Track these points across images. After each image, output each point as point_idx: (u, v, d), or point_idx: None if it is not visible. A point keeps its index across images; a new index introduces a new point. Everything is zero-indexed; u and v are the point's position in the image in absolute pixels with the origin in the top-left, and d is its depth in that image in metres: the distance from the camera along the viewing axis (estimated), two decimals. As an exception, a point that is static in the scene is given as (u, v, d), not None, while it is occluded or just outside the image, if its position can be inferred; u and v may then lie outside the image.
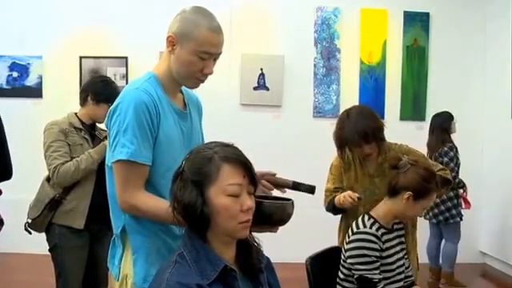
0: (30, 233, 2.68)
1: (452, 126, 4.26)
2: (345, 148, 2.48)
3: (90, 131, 2.74)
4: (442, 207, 4.15)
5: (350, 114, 2.46)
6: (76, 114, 2.74)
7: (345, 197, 2.34)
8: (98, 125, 2.79)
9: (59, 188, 2.59)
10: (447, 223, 4.19)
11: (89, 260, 2.69)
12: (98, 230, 2.64)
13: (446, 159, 4.06)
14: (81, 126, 2.68)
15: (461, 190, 4.23)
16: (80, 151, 2.62)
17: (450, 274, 4.26)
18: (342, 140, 2.46)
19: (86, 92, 2.73)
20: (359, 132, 2.36)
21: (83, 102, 2.73)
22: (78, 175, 2.55)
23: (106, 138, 2.75)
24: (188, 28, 1.55)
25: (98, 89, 2.70)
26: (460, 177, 4.19)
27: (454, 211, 4.16)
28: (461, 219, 4.21)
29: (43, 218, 2.59)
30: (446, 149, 4.11)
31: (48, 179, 2.65)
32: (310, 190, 1.70)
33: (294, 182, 1.70)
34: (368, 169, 2.48)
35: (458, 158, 4.13)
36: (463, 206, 4.27)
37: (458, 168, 4.14)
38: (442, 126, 4.22)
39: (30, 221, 2.63)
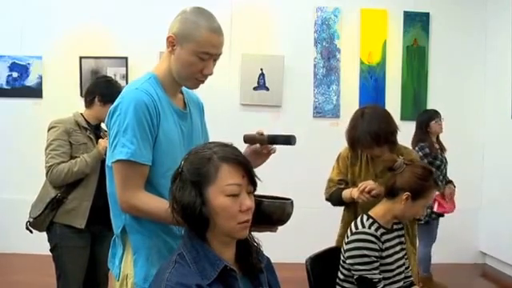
0: (31, 232, 2.68)
1: (431, 126, 4.04)
2: (356, 148, 2.45)
3: (95, 131, 2.76)
4: None
5: (365, 114, 2.39)
6: (82, 113, 2.75)
7: (362, 193, 2.25)
8: (102, 125, 2.80)
9: (61, 187, 2.60)
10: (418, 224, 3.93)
11: (89, 261, 2.69)
12: (99, 231, 2.64)
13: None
14: (86, 126, 2.70)
15: (436, 192, 3.98)
16: (84, 150, 2.63)
17: (426, 278, 4.07)
18: (354, 140, 2.41)
19: (92, 94, 2.74)
20: (372, 134, 2.31)
21: (89, 103, 2.75)
22: (70, 177, 2.57)
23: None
24: (188, 29, 1.56)
25: (104, 90, 2.71)
26: (455, 178, 4.07)
27: None
28: (427, 223, 3.90)
29: (44, 218, 2.59)
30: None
31: None
32: (287, 140, 1.64)
33: (269, 136, 1.66)
34: (374, 168, 2.46)
35: (434, 159, 3.91)
36: (435, 209, 3.96)
37: (439, 170, 3.91)
38: (421, 124, 4.08)
39: (31, 220, 2.63)
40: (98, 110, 2.72)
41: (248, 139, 1.70)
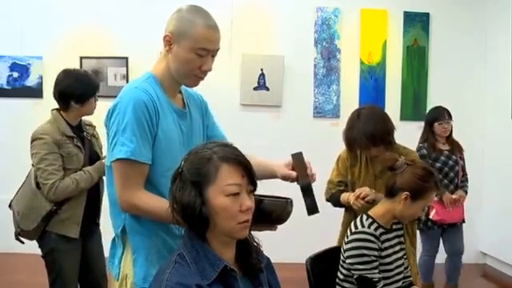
0: (22, 242, 2.62)
1: (434, 127, 3.82)
2: (353, 149, 2.47)
3: (79, 134, 2.63)
4: None
5: (361, 115, 2.42)
6: (61, 113, 2.60)
7: (357, 199, 2.29)
8: (82, 119, 2.69)
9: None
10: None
11: (84, 258, 2.66)
12: (87, 231, 2.64)
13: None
14: (72, 134, 2.57)
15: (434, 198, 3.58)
16: (76, 161, 2.55)
17: (427, 285, 3.91)
18: (351, 141, 2.43)
19: (66, 98, 2.57)
20: (367, 135, 2.33)
21: (66, 107, 2.59)
22: (74, 192, 2.51)
23: (93, 135, 2.73)
24: (184, 26, 1.56)
25: (78, 91, 2.56)
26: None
27: None
28: (421, 229, 3.68)
29: (37, 228, 2.53)
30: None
31: (39, 187, 2.53)
32: (311, 209, 1.58)
33: (306, 185, 1.59)
34: (373, 169, 2.47)
35: (434, 161, 3.73)
36: (431, 216, 3.70)
37: (441, 173, 3.75)
38: (426, 123, 3.92)
39: (22, 232, 2.57)
40: (79, 110, 2.60)
41: (297, 159, 1.62)
